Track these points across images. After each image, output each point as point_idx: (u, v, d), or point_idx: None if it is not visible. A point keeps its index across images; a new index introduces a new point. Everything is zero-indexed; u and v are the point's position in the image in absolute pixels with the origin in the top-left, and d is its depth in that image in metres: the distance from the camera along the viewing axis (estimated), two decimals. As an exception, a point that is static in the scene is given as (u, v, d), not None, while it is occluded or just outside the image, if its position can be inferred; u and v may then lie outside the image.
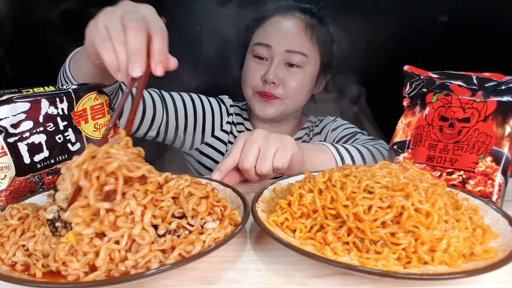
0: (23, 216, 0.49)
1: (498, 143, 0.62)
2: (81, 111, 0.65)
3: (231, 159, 0.68)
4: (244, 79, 1.05)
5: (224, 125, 1.13)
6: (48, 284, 0.39)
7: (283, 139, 0.70)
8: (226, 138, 1.13)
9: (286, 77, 0.99)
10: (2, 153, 0.55)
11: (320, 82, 1.09)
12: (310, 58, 1.01)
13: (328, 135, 1.10)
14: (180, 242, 0.43)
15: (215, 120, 1.11)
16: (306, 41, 1.00)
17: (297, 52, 0.98)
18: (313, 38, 1.01)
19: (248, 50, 1.06)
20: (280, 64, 0.99)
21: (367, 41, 1.38)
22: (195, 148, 1.13)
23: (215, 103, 1.13)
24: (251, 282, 0.43)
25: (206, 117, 1.10)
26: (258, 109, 1.03)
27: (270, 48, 0.99)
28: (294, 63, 0.99)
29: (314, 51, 1.01)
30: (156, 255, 0.42)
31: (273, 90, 0.99)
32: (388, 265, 0.43)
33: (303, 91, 1.03)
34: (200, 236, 0.45)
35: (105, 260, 0.40)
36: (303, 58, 0.99)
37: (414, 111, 0.72)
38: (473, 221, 0.48)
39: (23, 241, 0.45)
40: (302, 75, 1.01)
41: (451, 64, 0.77)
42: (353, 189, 0.49)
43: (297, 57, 0.99)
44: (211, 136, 1.12)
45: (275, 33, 1.00)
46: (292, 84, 1.00)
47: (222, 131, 1.13)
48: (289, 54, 0.98)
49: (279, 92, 1.00)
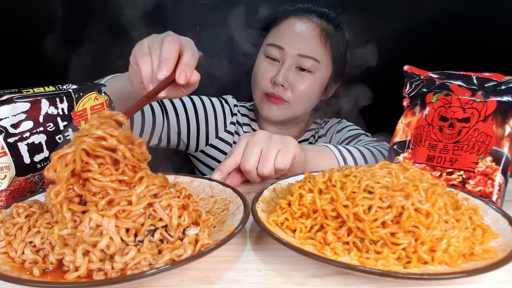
0: (30, 214, 0.49)
1: (498, 143, 0.62)
2: (81, 111, 0.65)
3: (232, 160, 0.68)
4: (254, 79, 1.05)
5: (228, 125, 1.12)
6: (48, 284, 0.39)
7: (285, 140, 0.70)
8: (231, 139, 1.12)
9: (296, 81, 0.99)
10: (2, 153, 0.55)
11: (330, 89, 1.09)
12: (322, 64, 1.00)
13: (333, 137, 1.10)
14: (167, 246, 0.43)
15: (218, 121, 1.10)
16: (320, 46, 0.99)
17: (309, 57, 0.97)
18: (327, 44, 1.00)
19: (261, 49, 1.05)
20: (290, 68, 0.99)
21: (367, 41, 1.38)
22: (200, 150, 1.12)
23: (217, 103, 1.12)
24: (251, 282, 0.43)
25: (209, 119, 1.09)
26: (265, 111, 1.03)
27: (283, 50, 0.98)
28: (305, 67, 0.98)
29: (326, 58, 1.00)
30: (146, 257, 0.41)
31: (282, 93, 0.99)
32: (388, 265, 0.43)
33: (312, 96, 1.03)
34: (183, 241, 0.44)
35: (84, 259, 0.40)
36: (314, 63, 0.98)
37: (414, 111, 0.72)
38: (473, 221, 0.48)
39: (30, 238, 0.45)
40: (311, 80, 1.00)
41: (451, 64, 0.77)
42: (353, 189, 0.49)
43: (308, 62, 0.98)
44: (215, 138, 1.11)
45: (289, 35, 0.99)
46: (301, 88, 0.99)
47: (226, 132, 1.12)
48: (301, 58, 0.98)
49: (287, 96, 0.99)
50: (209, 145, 1.11)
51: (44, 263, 0.43)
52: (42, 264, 0.43)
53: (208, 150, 1.12)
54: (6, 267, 0.42)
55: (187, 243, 0.44)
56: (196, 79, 0.64)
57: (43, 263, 0.43)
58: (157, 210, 0.45)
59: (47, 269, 0.43)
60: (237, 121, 1.14)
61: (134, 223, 0.43)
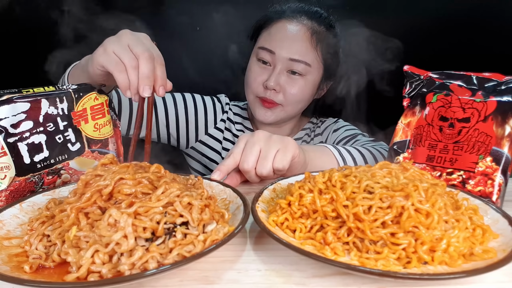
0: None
1: (498, 143, 0.62)
2: (81, 111, 0.65)
3: (231, 160, 0.68)
4: (246, 82, 1.05)
5: (218, 122, 1.13)
6: (48, 284, 0.39)
7: (284, 140, 0.70)
8: (220, 136, 1.13)
9: (287, 85, 0.99)
10: (2, 153, 0.55)
11: (322, 88, 1.09)
12: (313, 68, 1.00)
13: (329, 136, 1.10)
14: (179, 243, 0.44)
15: (208, 117, 1.12)
16: (311, 50, 0.99)
17: (300, 61, 0.98)
18: (318, 47, 0.99)
19: (253, 51, 1.05)
20: (282, 72, 0.99)
21: (367, 41, 1.38)
22: (191, 146, 1.13)
23: (209, 100, 1.13)
24: (251, 282, 0.43)
25: (199, 115, 1.10)
26: (258, 114, 1.03)
27: (274, 54, 0.98)
28: (297, 71, 0.99)
29: (317, 61, 1.00)
30: (154, 255, 0.42)
31: (274, 97, 0.99)
32: (388, 265, 0.43)
33: (304, 98, 1.03)
34: (198, 237, 0.45)
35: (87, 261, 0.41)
36: (305, 67, 0.98)
37: (414, 111, 0.72)
38: (473, 221, 0.48)
39: (48, 232, 0.46)
40: (303, 84, 1.00)
41: (451, 64, 0.77)
42: (353, 189, 0.49)
43: (299, 66, 0.98)
44: (204, 134, 1.12)
45: (280, 39, 0.99)
46: (292, 91, 0.99)
47: (215, 128, 1.13)
48: (292, 63, 0.98)
49: (280, 99, 1.00)
50: (198, 141, 1.13)
51: (46, 260, 0.44)
52: (39, 261, 0.43)
53: (198, 146, 1.13)
54: (5, 267, 0.42)
55: (200, 239, 0.44)
56: (170, 88, 0.68)
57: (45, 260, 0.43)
58: (177, 207, 0.46)
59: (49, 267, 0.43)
60: (228, 118, 1.15)
61: (151, 221, 0.44)
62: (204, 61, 1.35)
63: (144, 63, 0.63)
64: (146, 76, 0.63)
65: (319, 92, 1.09)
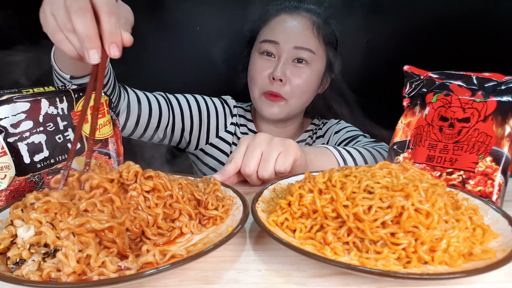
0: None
1: (498, 143, 0.62)
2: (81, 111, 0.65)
3: (233, 165, 0.68)
4: (250, 78, 1.05)
5: (229, 126, 1.13)
6: (48, 284, 0.39)
7: (286, 143, 0.69)
8: (230, 139, 1.13)
9: (294, 75, 0.99)
10: (2, 153, 0.55)
11: (325, 81, 1.10)
12: (317, 56, 1.01)
13: (331, 138, 1.10)
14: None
15: (219, 120, 1.11)
16: (313, 38, 1.00)
17: (305, 48, 0.98)
18: (320, 36, 1.01)
19: (254, 48, 1.05)
20: (287, 61, 0.99)
21: (367, 41, 1.38)
22: (199, 148, 1.13)
23: (218, 103, 1.12)
24: (251, 282, 0.43)
25: (211, 118, 1.09)
26: (264, 110, 1.03)
27: (278, 45, 0.99)
28: (303, 58, 0.99)
29: (321, 49, 1.02)
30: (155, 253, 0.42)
31: (280, 89, 0.99)
32: (388, 265, 0.43)
33: (309, 89, 1.03)
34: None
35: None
36: (310, 55, 0.99)
37: (414, 111, 0.72)
38: (473, 221, 0.48)
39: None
40: (309, 73, 1.01)
41: (451, 64, 0.77)
42: (353, 189, 0.49)
43: (305, 54, 0.99)
44: (215, 137, 1.12)
45: (282, 30, 1.00)
46: (298, 81, 1.00)
47: (226, 132, 1.12)
48: (297, 51, 0.98)
49: (285, 91, 1.00)
50: (209, 144, 1.12)
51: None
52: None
53: (207, 148, 1.12)
54: (4, 267, 0.42)
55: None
56: (129, 42, 0.52)
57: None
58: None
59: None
60: (236, 122, 1.14)
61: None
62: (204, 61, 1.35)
63: (76, 20, 0.48)
64: (83, 36, 0.48)
65: (322, 85, 1.09)
